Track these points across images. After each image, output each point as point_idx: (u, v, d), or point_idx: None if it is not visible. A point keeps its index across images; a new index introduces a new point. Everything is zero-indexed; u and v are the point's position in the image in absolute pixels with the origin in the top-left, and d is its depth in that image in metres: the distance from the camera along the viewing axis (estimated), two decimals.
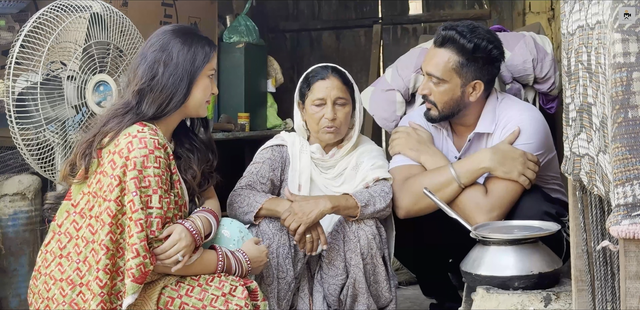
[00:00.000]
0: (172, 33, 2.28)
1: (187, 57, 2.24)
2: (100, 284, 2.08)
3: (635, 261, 1.42)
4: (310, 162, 2.81)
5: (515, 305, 2.21)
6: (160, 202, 2.12)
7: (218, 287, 2.19)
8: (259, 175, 2.76)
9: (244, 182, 2.74)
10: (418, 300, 3.42)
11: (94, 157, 2.17)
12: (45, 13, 2.69)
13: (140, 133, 2.14)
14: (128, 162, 2.10)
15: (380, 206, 2.64)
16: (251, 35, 4.55)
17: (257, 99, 4.62)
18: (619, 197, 1.39)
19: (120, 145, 2.13)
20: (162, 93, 2.22)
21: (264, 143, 2.92)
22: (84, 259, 2.13)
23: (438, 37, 2.73)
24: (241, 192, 2.68)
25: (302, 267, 2.70)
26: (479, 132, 2.81)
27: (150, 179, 2.11)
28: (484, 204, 2.63)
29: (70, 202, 2.22)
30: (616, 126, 1.38)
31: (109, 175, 2.12)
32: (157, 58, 2.23)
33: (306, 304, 2.72)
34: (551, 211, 2.63)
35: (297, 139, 2.86)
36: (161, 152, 2.15)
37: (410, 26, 5.28)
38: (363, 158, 2.83)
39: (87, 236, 2.15)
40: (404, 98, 3.27)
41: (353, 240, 2.62)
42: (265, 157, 2.80)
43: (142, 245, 2.07)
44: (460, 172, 2.65)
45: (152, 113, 2.22)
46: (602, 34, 1.46)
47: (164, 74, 2.22)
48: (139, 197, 2.08)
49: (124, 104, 2.24)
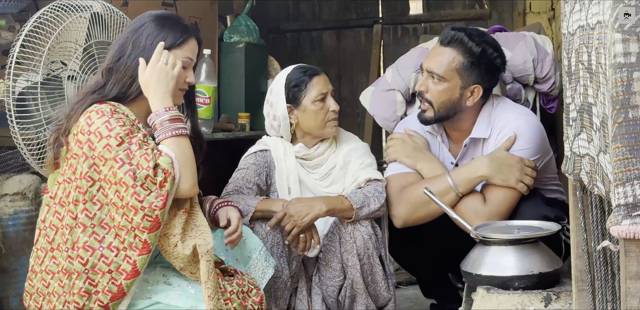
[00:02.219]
0: (151, 17, 2.28)
1: (154, 41, 2.23)
2: (82, 262, 2.08)
3: (636, 261, 1.41)
4: (295, 163, 2.82)
5: (515, 305, 2.21)
6: (138, 144, 2.09)
7: (239, 283, 2.20)
8: (244, 180, 2.76)
9: (231, 188, 2.75)
10: (418, 300, 3.43)
11: (62, 144, 2.17)
12: (45, 13, 2.69)
13: (96, 107, 2.14)
14: (91, 136, 2.10)
15: (375, 207, 2.64)
16: (252, 35, 4.55)
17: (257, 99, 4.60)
18: (620, 197, 1.39)
19: (81, 124, 2.13)
20: (125, 74, 2.22)
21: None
22: (72, 245, 2.13)
23: (446, 36, 2.72)
24: (230, 198, 2.67)
25: (297, 265, 2.70)
26: (474, 137, 2.80)
27: (121, 135, 2.09)
28: (483, 212, 2.62)
29: (48, 195, 2.22)
30: (617, 126, 1.38)
31: (80, 155, 2.12)
32: (128, 38, 2.24)
33: (305, 305, 2.72)
34: (550, 215, 2.63)
35: (280, 141, 2.86)
36: (120, 115, 2.13)
37: (410, 26, 5.28)
38: (350, 157, 2.84)
39: (69, 223, 2.14)
40: (405, 98, 3.27)
41: (349, 242, 2.62)
42: (250, 163, 2.81)
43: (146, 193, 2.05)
44: (458, 180, 2.65)
45: (115, 94, 2.21)
46: (603, 34, 1.46)
47: (130, 55, 2.22)
48: (114, 158, 2.07)
49: (94, 84, 2.25)
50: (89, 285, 2.09)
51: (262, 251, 2.46)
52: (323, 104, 2.79)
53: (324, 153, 2.85)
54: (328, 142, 2.87)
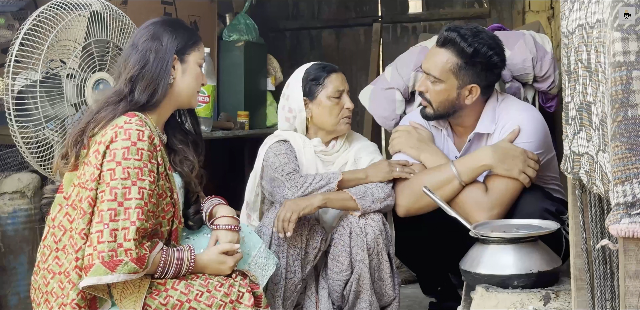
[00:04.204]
0: (161, 23, 2.32)
1: (175, 43, 2.28)
2: (80, 273, 2.08)
3: (635, 260, 1.41)
4: (314, 155, 2.84)
5: (514, 304, 2.21)
6: (140, 193, 2.09)
7: (226, 293, 2.19)
8: (293, 163, 2.75)
9: (289, 169, 2.72)
10: (418, 298, 3.43)
11: (85, 145, 2.17)
12: (44, 11, 2.69)
13: (127, 124, 2.14)
14: (107, 151, 2.11)
15: (380, 195, 2.67)
16: (251, 33, 4.55)
17: (256, 98, 4.62)
18: (619, 196, 1.39)
19: (106, 136, 2.13)
20: (153, 79, 2.24)
21: (262, 141, 2.92)
22: (78, 250, 2.13)
23: (440, 37, 2.74)
24: (297, 174, 2.69)
25: (310, 269, 2.72)
26: (479, 133, 2.81)
27: (130, 170, 2.10)
28: (484, 202, 2.63)
29: (62, 195, 2.22)
30: (616, 125, 1.38)
31: (92, 164, 2.12)
32: (149, 47, 2.26)
33: (313, 302, 2.74)
34: (551, 209, 2.65)
35: (296, 134, 2.88)
36: (145, 144, 2.14)
37: (410, 25, 5.28)
38: (361, 154, 2.88)
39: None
40: (404, 96, 3.27)
41: (360, 236, 2.63)
42: (283, 149, 2.80)
43: (109, 231, 2.05)
44: (461, 169, 2.66)
45: (145, 100, 2.23)
46: (602, 33, 1.45)
47: (154, 61, 2.25)
48: (110, 189, 2.07)
49: (116, 92, 2.25)
50: (81, 299, 2.10)
51: (261, 249, 2.46)
52: (338, 100, 2.83)
53: (339, 150, 2.89)
54: (342, 140, 2.90)
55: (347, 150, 2.90)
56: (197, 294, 2.17)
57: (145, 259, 2.07)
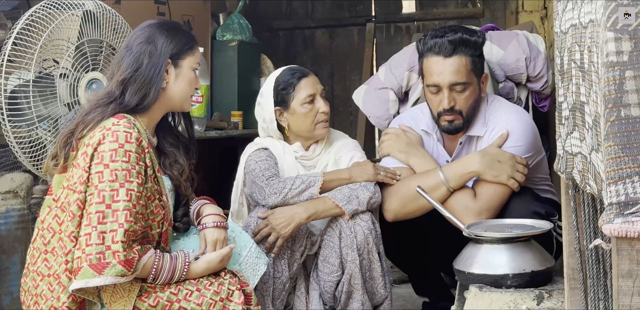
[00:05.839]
0: (158, 26, 2.30)
1: (170, 47, 2.26)
2: (70, 276, 2.08)
3: (628, 259, 1.42)
4: (295, 161, 2.83)
5: (507, 304, 2.21)
6: (128, 195, 2.08)
7: (216, 292, 2.18)
8: (273, 168, 2.75)
9: (269, 174, 2.71)
10: (411, 298, 3.43)
11: (73, 147, 2.17)
12: (37, 11, 2.68)
13: (115, 126, 2.13)
14: (95, 154, 2.10)
15: (365, 196, 2.66)
16: (244, 33, 4.54)
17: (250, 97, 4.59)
18: (612, 196, 1.39)
19: (94, 138, 2.12)
20: (145, 83, 2.23)
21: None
22: (68, 253, 2.12)
23: (444, 48, 2.66)
24: (276, 179, 2.67)
25: (297, 267, 2.71)
26: (470, 135, 2.81)
27: (118, 173, 2.09)
28: (473, 207, 2.63)
29: (51, 197, 2.21)
30: (609, 125, 1.39)
31: (81, 167, 2.11)
32: (143, 50, 2.25)
33: (303, 303, 2.74)
34: (540, 211, 2.64)
35: (276, 141, 2.87)
36: (133, 146, 2.12)
37: (403, 25, 5.28)
38: (341, 153, 2.87)
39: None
40: (397, 96, 3.27)
41: (350, 236, 2.63)
42: (263, 155, 2.79)
43: (97, 234, 2.04)
44: (449, 175, 2.65)
45: (136, 103, 2.22)
46: (595, 33, 1.46)
47: (148, 64, 2.24)
48: (98, 191, 2.07)
49: (107, 94, 2.24)
50: (72, 302, 2.10)
51: (252, 248, 2.45)
52: (312, 105, 2.79)
53: (320, 154, 2.87)
54: (322, 143, 2.88)
55: (328, 152, 2.88)
56: (186, 294, 2.16)
57: (134, 262, 2.05)
